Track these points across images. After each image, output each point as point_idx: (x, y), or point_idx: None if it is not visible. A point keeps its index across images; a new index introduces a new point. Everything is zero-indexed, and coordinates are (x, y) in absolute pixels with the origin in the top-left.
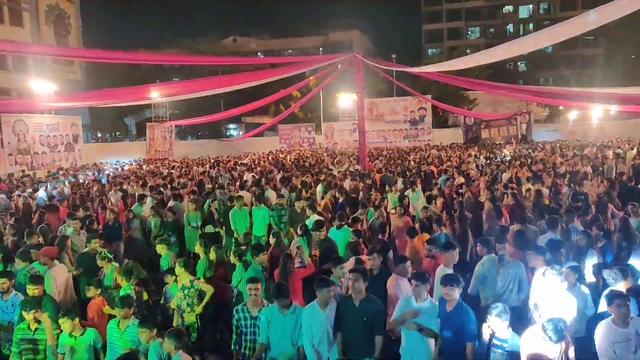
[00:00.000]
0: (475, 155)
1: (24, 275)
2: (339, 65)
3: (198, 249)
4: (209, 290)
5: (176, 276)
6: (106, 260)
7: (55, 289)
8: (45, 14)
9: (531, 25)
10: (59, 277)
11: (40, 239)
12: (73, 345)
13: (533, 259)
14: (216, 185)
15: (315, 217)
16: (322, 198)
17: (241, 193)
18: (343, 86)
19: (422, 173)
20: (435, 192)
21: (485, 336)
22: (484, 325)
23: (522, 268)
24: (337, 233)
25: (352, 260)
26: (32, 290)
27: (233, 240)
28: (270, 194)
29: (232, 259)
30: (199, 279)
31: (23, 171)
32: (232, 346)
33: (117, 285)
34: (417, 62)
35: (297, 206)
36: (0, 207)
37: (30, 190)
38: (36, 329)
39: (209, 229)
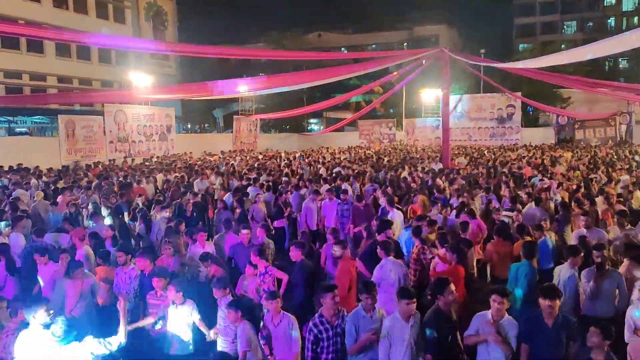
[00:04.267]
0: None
1: None
2: (424, 61)
3: None
4: (283, 277)
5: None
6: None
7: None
8: (144, 10)
9: (636, 19)
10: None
11: None
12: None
13: (634, 269)
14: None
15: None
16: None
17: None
18: (426, 82)
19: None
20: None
21: None
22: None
23: (621, 277)
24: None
25: None
26: None
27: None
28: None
29: None
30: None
31: (125, 157)
32: None
33: None
34: (507, 58)
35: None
36: (103, 192)
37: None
38: None
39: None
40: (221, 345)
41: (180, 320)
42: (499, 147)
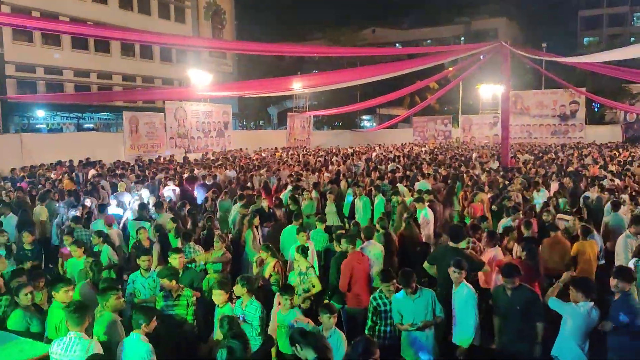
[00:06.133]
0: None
1: None
2: (482, 56)
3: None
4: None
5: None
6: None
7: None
8: (204, 10)
9: None
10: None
11: None
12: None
13: None
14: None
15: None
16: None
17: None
18: (484, 77)
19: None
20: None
21: None
22: None
23: None
24: None
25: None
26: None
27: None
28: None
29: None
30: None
31: (187, 152)
32: (367, 331)
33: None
34: (571, 52)
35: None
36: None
37: None
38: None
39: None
40: None
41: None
42: (561, 145)
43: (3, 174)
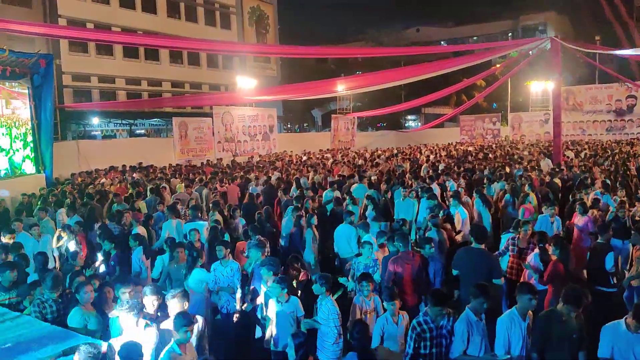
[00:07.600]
0: None
1: None
2: (531, 51)
3: None
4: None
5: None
6: None
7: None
8: (248, 15)
9: None
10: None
11: None
12: (279, 311)
13: None
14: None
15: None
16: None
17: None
18: (534, 73)
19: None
20: None
21: None
22: None
23: None
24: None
25: None
26: None
27: None
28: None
29: None
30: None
31: (235, 156)
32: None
33: None
34: (628, 44)
35: None
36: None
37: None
38: None
39: None
40: None
41: (283, 317)
42: (617, 142)
43: (62, 179)
